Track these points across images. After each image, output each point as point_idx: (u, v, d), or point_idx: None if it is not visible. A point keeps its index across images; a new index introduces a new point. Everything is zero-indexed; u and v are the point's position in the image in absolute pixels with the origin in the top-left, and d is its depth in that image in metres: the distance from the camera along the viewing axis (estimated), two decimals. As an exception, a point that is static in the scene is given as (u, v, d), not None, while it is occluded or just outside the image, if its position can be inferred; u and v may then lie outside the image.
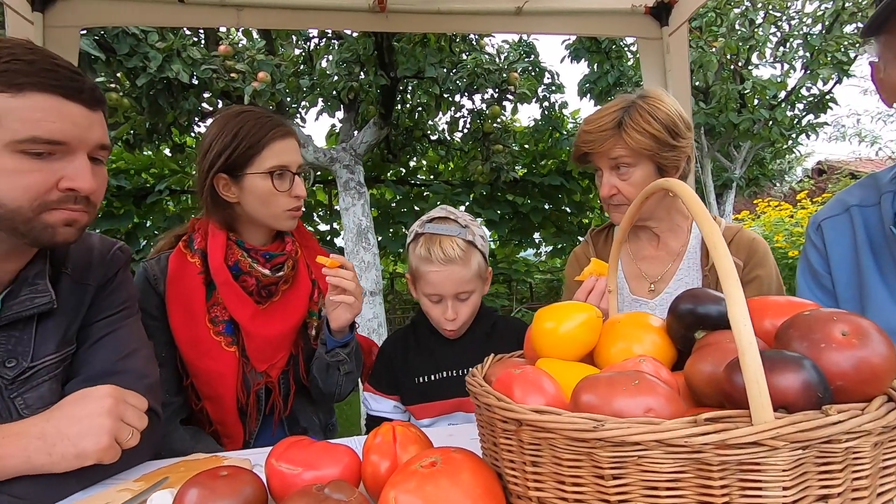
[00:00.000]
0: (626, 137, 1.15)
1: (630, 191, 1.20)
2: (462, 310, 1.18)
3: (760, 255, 1.23)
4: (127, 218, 4.81)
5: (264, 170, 1.12)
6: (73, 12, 1.95)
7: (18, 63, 0.71)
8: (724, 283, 0.47)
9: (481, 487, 0.54)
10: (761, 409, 0.44)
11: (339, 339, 1.17)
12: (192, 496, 0.59)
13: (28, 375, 0.83)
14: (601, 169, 1.24)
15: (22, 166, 0.73)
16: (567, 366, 0.69)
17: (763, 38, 6.06)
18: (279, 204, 1.15)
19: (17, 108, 0.71)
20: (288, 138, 1.16)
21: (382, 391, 1.26)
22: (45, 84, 0.73)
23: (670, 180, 0.62)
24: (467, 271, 1.15)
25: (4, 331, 0.82)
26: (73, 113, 0.76)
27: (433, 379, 1.21)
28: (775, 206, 5.79)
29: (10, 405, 0.81)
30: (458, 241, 1.15)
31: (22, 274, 0.84)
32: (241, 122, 1.13)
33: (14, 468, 0.72)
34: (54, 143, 0.75)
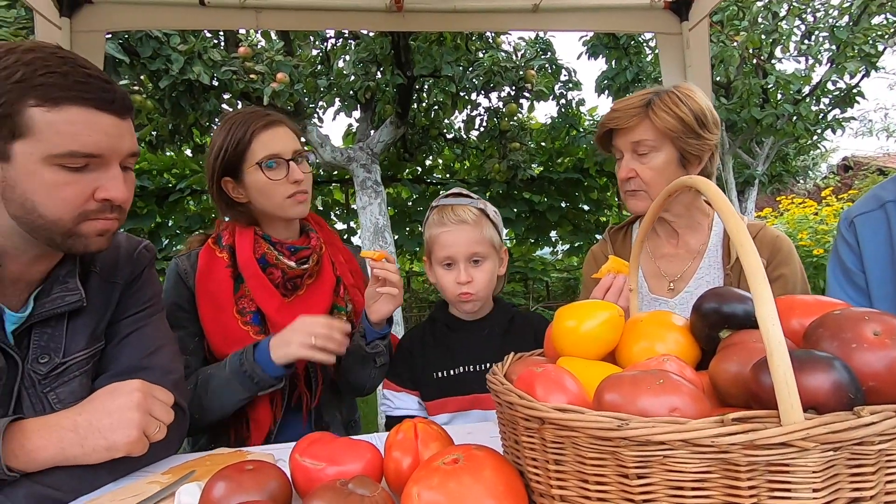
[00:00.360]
0: (653, 116, 1.15)
1: (648, 175, 1.19)
2: (476, 274, 1.16)
3: (785, 253, 1.20)
4: (150, 217, 4.92)
5: (255, 162, 1.15)
6: (98, 17, 2.00)
7: (53, 76, 0.73)
8: (751, 281, 0.47)
9: (504, 485, 0.54)
10: (790, 409, 0.43)
11: (379, 331, 1.19)
12: (220, 489, 0.60)
13: (60, 371, 0.86)
14: (622, 152, 1.23)
15: (60, 179, 0.76)
16: (589, 365, 0.68)
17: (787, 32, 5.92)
18: (279, 192, 1.17)
19: (53, 121, 0.73)
20: (273, 127, 1.17)
21: (406, 387, 1.24)
22: (80, 97, 0.75)
23: (694, 177, 0.61)
24: (479, 233, 1.16)
25: (37, 328, 0.85)
26: (105, 124, 0.78)
27: (451, 374, 1.21)
28: (799, 204, 5.65)
29: (43, 399, 0.84)
30: (470, 207, 1.18)
31: (53, 273, 0.87)
32: (229, 123, 1.17)
33: (48, 459, 0.74)
34: (90, 156, 0.77)
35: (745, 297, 0.65)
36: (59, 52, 0.77)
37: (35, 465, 0.73)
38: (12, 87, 0.71)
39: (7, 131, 0.72)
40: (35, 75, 0.72)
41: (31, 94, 0.72)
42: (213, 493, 0.61)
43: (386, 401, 1.25)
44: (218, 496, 0.60)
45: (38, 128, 0.73)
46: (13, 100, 0.71)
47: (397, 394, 1.24)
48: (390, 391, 1.25)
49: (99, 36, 2.04)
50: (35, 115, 0.72)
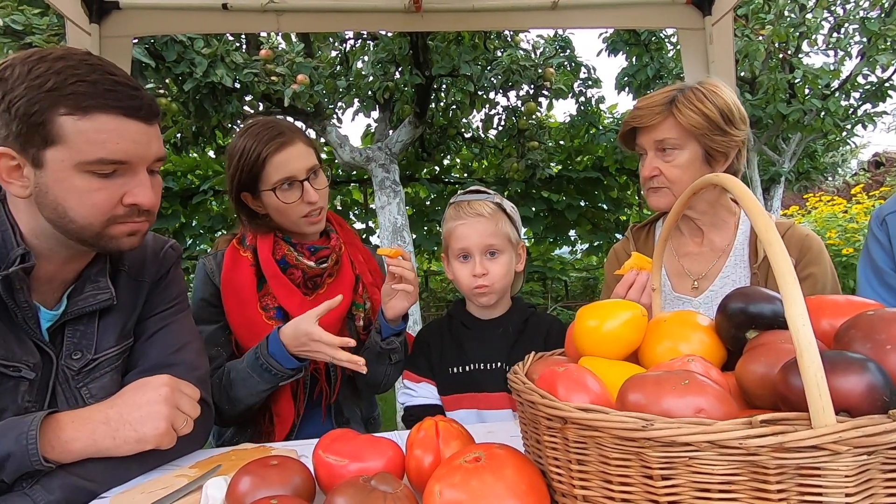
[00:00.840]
0: (678, 114, 1.13)
1: (673, 173, 1.17)
2: (491, 267, 1.16)
3: (815, 252, 1.17)
4: (174, 218, 5.03)
5: (271, 185, 1.17)
6: (126, 23, 2.05)
7: (83, 84, 0.75)
8: (780, 280, 0.46)
9: (526, 484, 0.54)
10: (822, 411, 0.42)
11: (395, 328, 1.21)
12: (246, 483, 0.62)
13: (92, 367, 0.89)
14: (646, 150, 1.21)
15: (90, 185, 0.78)
16: (611, 364, 0.68)
17: (815, 24, 5.74)
18: (294, 212, 1.20)
19: (84, 130, 0.75)
20: (286, 148, 1.17)
21: (424, 376, 1.25)
22: (108, 105, 0.76)
23: (720, 175, 0.60)
24: (494, 226, 1.17)
25: (70, 325, 0.89)
26: (133, 131, 0.79)
27: (465, 370, 1.22)
28: (827, 201, 5.49)
29: (76, 394, 0.87)
30: (486, 202, 1.19)
31: (85, 272, 0.90)
32: (244, 141, 1.18)
33: (81, 450, 0.77)
34: (118, 163, 0.79)
35: (772, 297, 0.64)
36: (89, 60, 0.79)
37: (70, 456, 0.76)
38: (44, 95, 0.73)
39: (40, 139, 0.75)
40: (65, 84, 0.74)
41: (62, 102, 0.74)
42: (240, 487, 0.62)
43: (406, 390, 1.26)
44: (244, 490, 0.61)
45: (68, 136, 0.75)
46: (45, 108, 0.74)
47: (417, 384, 1.25)
48: (410, 381, 1.26)
49: (126, 41, 2.10)
50: (66, 123, 0.74)
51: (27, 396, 0.82)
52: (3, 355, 0.79)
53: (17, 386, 0.81)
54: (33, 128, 0.74)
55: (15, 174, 0.78)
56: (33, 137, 0.75)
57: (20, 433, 0.72)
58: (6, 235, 0.81)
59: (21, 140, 0.75)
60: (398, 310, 1.18)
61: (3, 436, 0.72)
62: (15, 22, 2.71)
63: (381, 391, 1.33)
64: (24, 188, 0.78)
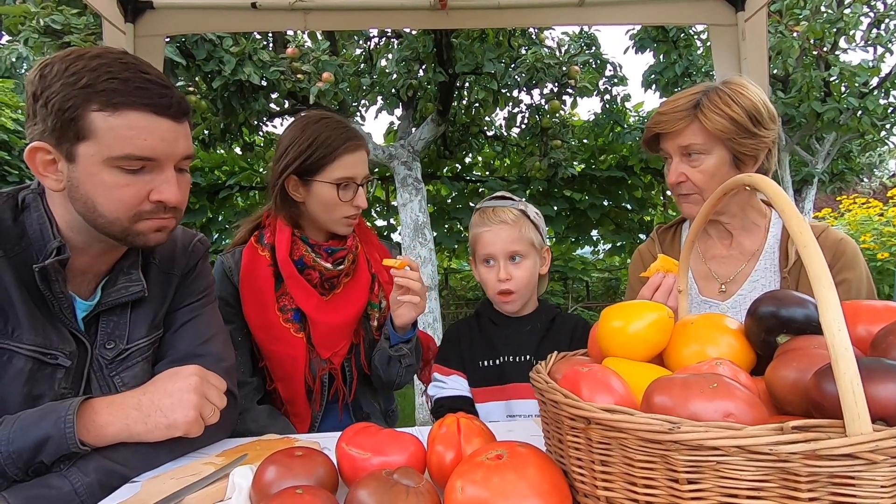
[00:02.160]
0: (703, 118, 1.10)
1: (700, 178, 1.14)
2: (515, 272, 1.21)
3: (849, 256, 1.13)
4: (201, 213, 5.16)
5: (332, 180, 1.19)
6: (159, 22, 2.11)
7: (115, 82, 0.77)
8: (815, 283, 0.45)
9: (548, 483, 0.54)
10: (857, 419, 0.41)
11: (402, 336, 1.23)
12: (272, 473, 0.63)
13: (124, 357, 0.93)
14: (671, 155, 1.18)
15: (117, 181, 0.80)
16: (635, 366, 0.67)
17: (853, 20, 5.53)
18: (340, 211, 1.22)
19: (114, 126, 0.77)
20: (359, 151, 1.22)
21: (455, 369, 1.27)
22: (139, 102, 0.78)
23: (752, 175, 0.59)
24: (518, 232, 1.21)
25: (104, 316, 0.92)
26: (162, 128, 0.81)
27: (495, 363, 1.24)
28: (862, 204, 5.29)
29: (109, 382, 0.91)
30: (510, 209, 1.23)
31: (118, 265, 0.94)
32: (318, 130, 1.20)
33: (115, 434, 0.80)
34: (146, 160, 0.81)
35: (805, 301, 0.62)
36: (123, 58, 0.81)
37: (104, 440, 0.79)
38: (78, 92, 0.76)
39: (73, 134, 0.77)
40: (98, 81, 0.76)
41: (95, 99, 0.76)
42: (265, 476, 0.63)
43: (437, 383, 1.27)
44: (270, 479, 0.63)
45: (99, 131, 0.77)
46: (78, 104, 0.76)
47: (447, 377, 1.27)
48: (440, 374, 1.28)
49: (159, 40, 2.15)
50: (97, 119, 0.77)
51: (63, 383, 0.85)
52: (42, 343, 0.82)
53: (54, 373, 0.84)
54: (67, 123, 0.76)
55: (50, 168, 0.81)
56: (67, 132, 0.77)
57: (58, 417, 0.75)
58: (44, 228, 0.84)
59: (56, 135, 0.78)
60: (406, 319, 1.21)
61: (42, 419, 0.76)
62: (55, 22, 2.81)
63: (395, 389, 1.34)
64: (58, 182, 0.81)
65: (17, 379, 0.80)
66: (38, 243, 0.84)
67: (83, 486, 0.75)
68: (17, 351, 0.80)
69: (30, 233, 0.84)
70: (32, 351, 0.81)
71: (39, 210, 0.85)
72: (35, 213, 0.85)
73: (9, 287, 0.81)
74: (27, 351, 0.81)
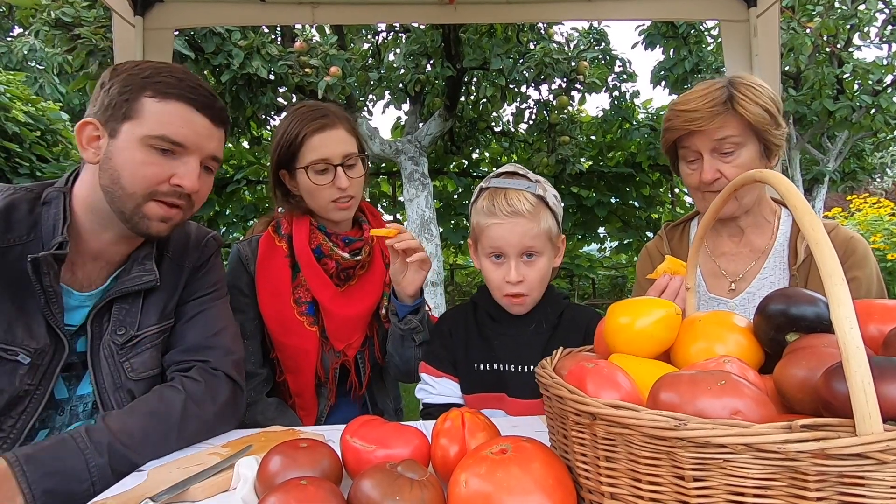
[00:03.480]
0: (742, 110, 1.07)
1: (735, 173, 1.09)
2: (528, 273, 1.03)
3: (860, 255, 1.12)
4: (209, 206, 5.19)
5: (305, 164, 1.18)
6: (168, 15, 2.12)
7: (171, 78, 0.88)
8: (826, 280, 0.44)
9: (552, 478, 0.54)
10: (868, 418, 0.40)
11: (411, 304, 1.17)
12: (276, 463, 0.63)
13: (134, 343, 0.95)
14: (699, 153, 1.14)
15: (147, 158, 0.87)
16: (642, 363, 0.67)
17: (868, 16, 5.45)
18: (323, 196, 1.20)
19: (158, 110, 0.87)
20: (326, 130, 1.18)
21: (447, 372, 1.12)
22: (185, 96, 0.88)
23: (764, 171, 0.58)
24: (535, 227, 1.02)
25: (117, 303, 0.94)
26: (198, 122, 0.90)
27: (492, 369, 1.09)
28: (873, 203, 5.23)
29: (119, 367, 0.93)
30: (526, 194, 1.03)
31: (133, 254, 0.97)
32: (289, 119, 1.21)
33: None
34: (176, 144, 0.88)
35: (815, 299, 0.61)
36: (185, 71, 0.92)
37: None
38: (138, 80, 0.86)
39: (122, 114, 0.86)
40: (157, 75, 0.88)
41: (150, 87, 0.87)
42: (270, 466, 0.64)
43: (424, 386, 1.13)
44: (274, 470, 0.63)
45: (145, 113, 0.86)
46: (135, 89, 0.86)
47: (438, 379, 1.12)
48: (429, 375, 1.13)
49: (168, 33, 2.16)
50: (147, 103, 0.86)
51: (27, 379, 0.85)
52: (2, 338, 0.82)
53: (15, 369, 0.84)
54: (121, 104, 0.86)
55: (94, 142, 0.89)
56: (118, 112, 0.86)
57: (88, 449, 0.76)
58: (57, 223, 0.87)
59: (108, 113, 0.86)
60: (416, 283, 1.14)
61: None
62: (65, 14, 2.83)
63: (413, 380, 1.27)
64: (95, 154, 0.88)
65: None
66: (46, 237, 0.87)
67: (96, 466, 0.76)
68: None
69: (43, 226, 0.87)
70: None
71: (58, 207, 0.89)
72: (53, 210, 0.89)
73: None
74: None
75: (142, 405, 0.87)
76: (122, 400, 0.92)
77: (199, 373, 0.95)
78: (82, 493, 0.73)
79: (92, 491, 0.74)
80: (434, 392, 1.12)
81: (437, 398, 1.11)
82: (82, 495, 0.73)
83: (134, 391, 0.93)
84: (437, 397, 1.11)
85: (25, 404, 0.86)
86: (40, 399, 0.87)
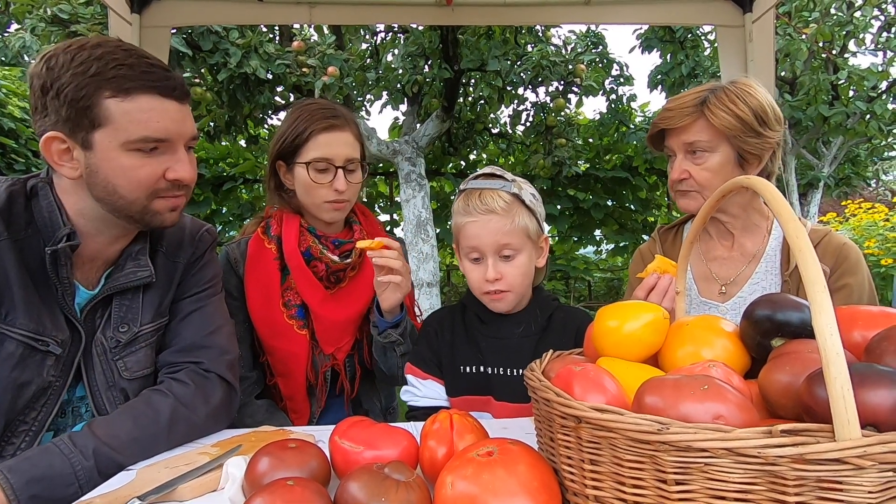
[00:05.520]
0: (709, 115, 1.10)
1: (703, 176, 1.14)
2: (506, 270, 1.03)
3: (851, 262, 1.13)
4: (206, 204, 5.18)
5: (307, 160, 1.17)
6: (165, 13, 2.11)
7: (123, 68, 0.81)
8: (808, 288, 0.44)
9: (538, 481, 0.54)
10: (846, 424, 0.41)
11: (389, 321, 1.18)
12: (265, 464, 0.63)
13: (130, 341, 0.94)
14: (675, 152, 1.18)
15: (135, 162, 0.84)
16: (629, 366, 0.67)
17: (863, 23, 5.49)
18: (319, 195, 1.19)
19: (128, 110, 0.81)
20: (334, 131, 1.18)
21: (432, 374, 1.11)
22: (147, 86, 0.82)
23: (750, 178, 0.58)
24: (509, 224, 1.02)
25: (116, 299, 0.94)
26: (170, 110, 0.85)
27: (479, 371, 1.08)
28: (868, 209, 5.26)
29: (112, 367, 0.92)
30: (500, 193, 1.03)
31: (127, 250, 0.96)
32: (298, 112, 1.20)
33: None
34: (160, 141, 0.85)
35: (801, 305, 0.62)
36: (123, 45, 0.84)
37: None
38: (89, 80, 0.79)
39: (88, 122, 0.80)
40: (107, 69, 0.80)
41: (106, 86, 0.80)
42: (259, 467, 0.64)
43: (410, 388, 1.12)
44: (262, 470, 0.63)
45: (114, 117, 0.81)
46: (91, 93, 0.79)
47: (423, 381, 1.11)
48: (414, 377, 1.12)
49: (165, 31, 2.16)
50: (111, 105, 0.80)
51: (52, 371, 0.86)
52: (35, 328, 0.83)
53: (44, 360, 0.85)
54: (81, 112, 0.80)
55: (65, 157, 0.84)
56: (82, 121, 0.80)
57: None
58: (53, 216, 0.86)
59: (70, 124, 0.81)
60: (391, 302, 1.15)
61: None
62: (62, 11, 2.82)
63: (398, 383, 1.29)
64: (74, 170, 0.84)
65: (6, 363, 0.81)
66: (45, 230, 0.86)
67: (83, 469, 0.76)
68: (8, 335, 0.81)
69: (38, 220, 0.86)
70: (24, 336, 0.82)
71: (49, 198, 0.87)
72: (44, 202, 0.87)
73: (9, 270, 0.82)
74: (19, 335, 0.82)
75: (128, 410, 0.86)
76: (115, 399, 0.92)
77: (189, 375, 0.94)
78: (70, 498, 0.73)
79: (80, 494, 0.74)
80: (419, 394, 1.11)
81: (423, 401, 1.11)
82: (70, 499, 0.72)
83: (128, 390, 0.92)
84: (423, 400, 1.11)
85: (47, 396, 0.87)
86: (59, 391, 0.88)
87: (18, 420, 0.85)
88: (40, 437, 0.87)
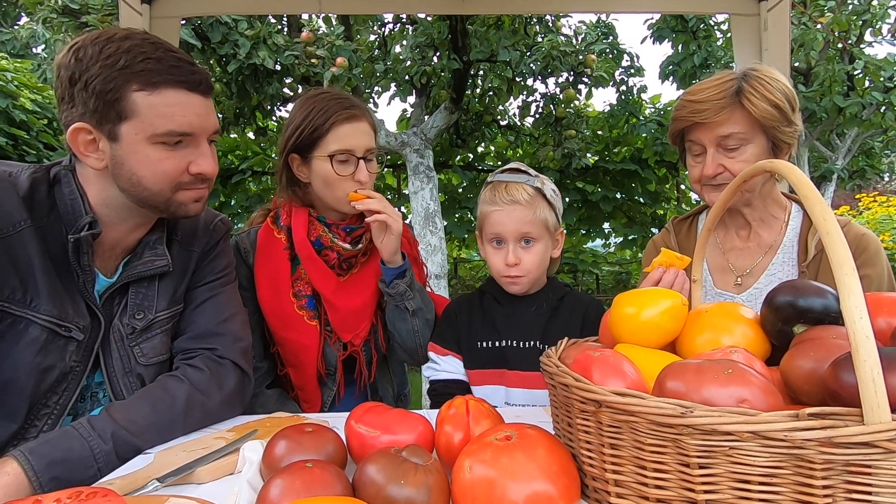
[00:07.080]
0: (748, 105, 1.05)
1: (741, 168, 1.07)
2: (524, 256, 1.13)
3: (871, 252, 1.11)
4: (214, 196, 5.20)
5: (328, 153, 1.15)
6: (175, 4, 2.11)
7: (151, 62, 0.82)
8: (836, 270, 0.44)
9: (557, 465, 0.54)
10: (876, 407, 0.40)
11: (394, 269, 1.21)
12: (282, 447, 0.64)
13: (146, 328, 0.95)
14: (704, 146, 1.12)
15: (160, 155, 0.86)
16: (647, 353, 0.67)
17: (881, 12, 5.38)
18: (342, 187, 1.17)
19: (154, 104, 0.83)
20: (354, 122, 1.16)
21: (450, 349, 1.21)
22: (174, 80, 0.84)
23: (775, 161, 0.57)
24: (531, 214, 1.12)
25: (133, 287, 0.95)
26: (196, 104, 0.87)
27: (495, 345, 1.17)
28: (882, 202, 5.18)
29: (129, 353, 0.93)
30: (525, 186, 1.13)
31: (144, 239, 0.97)
32: (312, 104, 1.17)
33: None
34: (185, 135, 0.87)
35: (823, 291, 0.61)
36: (150, 38, 0.85)
37: None
38: (118, 73, 0.80)
39: (115, 114, 0.82)
40: (135, 62, 0.81)
41: (134, 79, 0.81)
42: (276, 450, 0.64)
43: (431, 364, 1.23)
44: (280, 453, 0.63)
45: (141, 110, 0.82)
46: (119, 85, 0.81)
47: (443, 357, 1.21)
48: (435, 354, 1.22)
49: (175, 22, 2.15)
50: (138, 98, 0.82)
51: (74, 356, 0.88)
52: (58, 314, 0.85)
53: (66, 345, 0.86)
54: (109, 104, 0.81)
55: (91, 148, 0.85)
56: (109, 113, 0.82)
57: None
58: (75, 204, 0.87)
59: (97, 116, 0.82)
60: (388, 247, 1.18)
61: None
62: (73, 1, 2.82)
63: (419, 359, 1.28)
64: (99, 160, 0.85)
65: (30, 348, 0.82)
66: (67, 217, 0.87)
67: (102, 452, 0.77)
68: (33, 320, 0.83)
69: (60, 207, 0.87)
70: (48, 321, 0.84)
71: (71, 186, 0.88)
72: (66, 189, 0.88)
73: (33, 257, 0.83)
74: (43, 321, 0.83)
75: (145, 395, 0.88)
76: (132, 384, 0.93)
77: (204, 361, 0.95)
78: (89, 480, 0.74)
79: (99, 476, 0.75)
80: (439, 369, 1.21)
81: (442, 374, 1.21)
82: (89, 481, 0.73)
83: (144, 376, 0.94)
84: (442, 373, 1.21)
85: (69, 381, 0.89)
86: (80, 376, 0.90)
87: (41, 404, 0.86)
88: (61, 421, 0.88)
